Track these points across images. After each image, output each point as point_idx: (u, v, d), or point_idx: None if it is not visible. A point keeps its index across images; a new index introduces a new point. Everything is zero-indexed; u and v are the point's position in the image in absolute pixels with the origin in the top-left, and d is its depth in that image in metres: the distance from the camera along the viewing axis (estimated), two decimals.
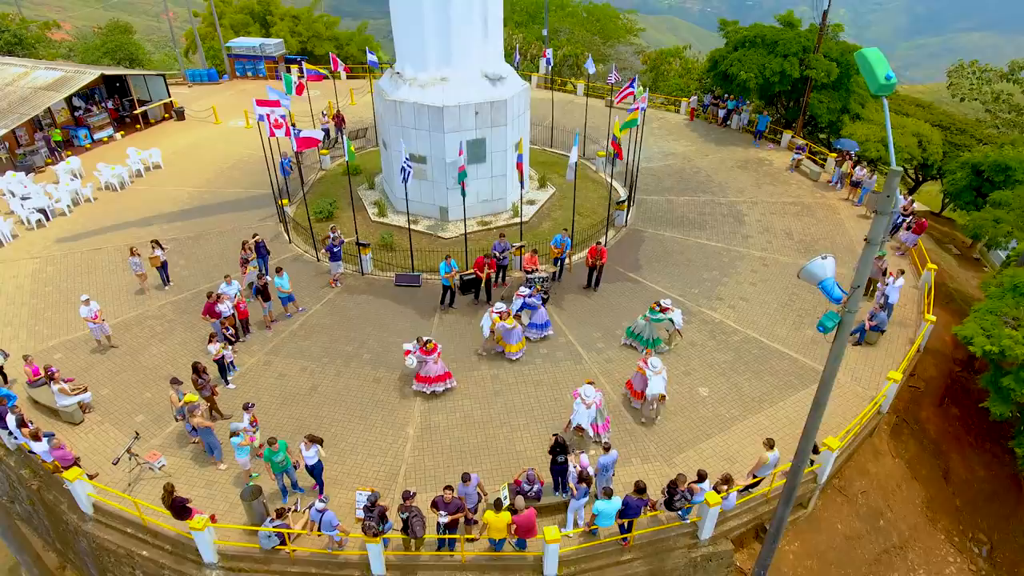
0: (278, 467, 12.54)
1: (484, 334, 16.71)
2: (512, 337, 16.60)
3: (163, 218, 24.19)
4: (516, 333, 16.62)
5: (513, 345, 16.71)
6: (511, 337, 16.60)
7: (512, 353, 16.79)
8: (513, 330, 16.48)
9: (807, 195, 26.32)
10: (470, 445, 14.52)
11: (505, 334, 16.60)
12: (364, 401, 15.68)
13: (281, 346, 17.52)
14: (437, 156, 21.94)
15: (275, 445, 12.30)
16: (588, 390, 13.95)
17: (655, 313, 17.01)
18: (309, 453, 12.70)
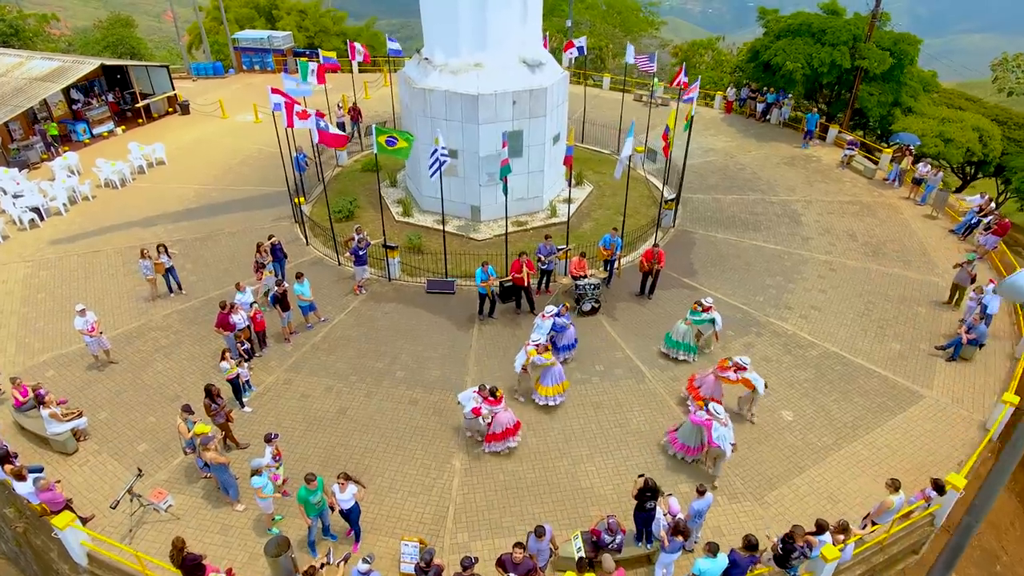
0: (314, 509, 10.50)
1: (516, 368, 13.78)
2: (549, 377, 13.75)
3: (168, 218, 22.18)
4: (555, 372, 13.73)
5: (549, 387, 13.75)
6: (548, 377, 13.75)
7: (546, 397, 13.80)
8: (551, 368, 13.67)
9: (864, 193, 24.30)
10: (527, 480, 12.48)
11: (542, 375, 13.77)
12: (400, 427, 13.65)
13: (302, 361, 15.49)
14: (470, 150, 19.94)
15: (313, 483, 10.28)
16: (717, 407, 12.17)
17: (696, 314, 15.14)
18: (344, 495, 10.68)
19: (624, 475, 12.59)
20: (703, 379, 13.93)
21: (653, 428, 13.69)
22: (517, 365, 13.77)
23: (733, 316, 17.08)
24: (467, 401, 12.52)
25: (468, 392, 12.69)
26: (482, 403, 12.33)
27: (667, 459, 12.96)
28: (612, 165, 25.83)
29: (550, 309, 14.63)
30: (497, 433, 12.58)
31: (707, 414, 12.00)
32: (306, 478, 10.30)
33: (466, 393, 12.71)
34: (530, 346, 13.57)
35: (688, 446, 12.57)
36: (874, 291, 18.38)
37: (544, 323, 14.55)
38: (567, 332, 15.04)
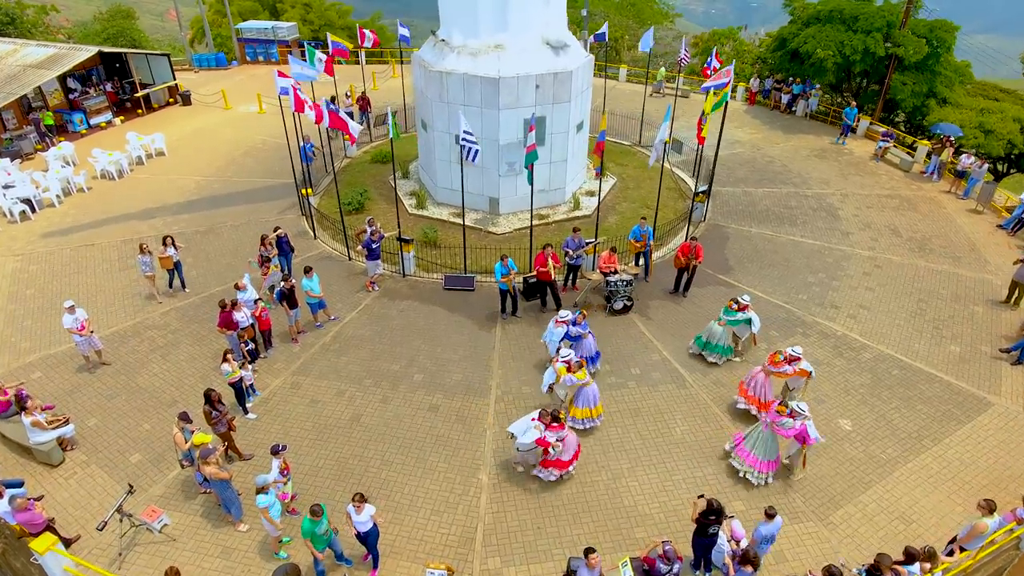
0: (322, 542, 9.22)
1: (543, 389, 12.25)
2: (582, 398, 12.06)
3: (167, 210, 20.94)
4: (590, 393, 12.06)
5: (582, 409, 12.16)
6: (582, 398, 12.06)
7: (581, 420, 12.19)
8: (585, 389, 12.04)
9: (902, 187, 22.99)
10: (563, 497, 11.18)
11: (577, 396, 12.08)
12: (421, 436, 12.36)
13: (311, 363, 14.22)
14: (489, 137, 18.66)
15: (319, 515, 8.99)
16: (801, 405, 11.11)
17: (731, 313, 13.79)
18: (361, 517, 9.40)
19: (670, 491, 11.30)
20: (751, 379, 12.69)
21: (698, 439, 12.39)
22: (544, 384, 12.20)
23: (776, 315, 15.80)
24: (525, 432, 10.66)
25: (523, 422, 10.85)
26: (545, 431, 10.65)
27: (717, 472, 11.66)
28: (634, 157, 24.68)
29: (564, 315, 13.08)
30: (564, 460, 11.01)
31: (793, 418, 11.01)
32: (312, 510, 9.02)
33: (520, 423, 10.85)
34: (559, 363, 11.93)
35: (759, 459, 11.32)
36: (925, 289, 17.07)
37: (556, 330, 13.01)
38: (584, 343, 13.28)
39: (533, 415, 10.86)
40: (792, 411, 11.10)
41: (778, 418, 11.07)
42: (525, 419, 10.94)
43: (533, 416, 10.83)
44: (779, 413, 11.13)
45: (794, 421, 11.02)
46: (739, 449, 11.63)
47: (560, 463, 11.05)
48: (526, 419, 10.92)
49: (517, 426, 10.91)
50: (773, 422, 11.16)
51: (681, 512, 10.92)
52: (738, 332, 14.26)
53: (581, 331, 13.16)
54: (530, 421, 10.79)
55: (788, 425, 11.02)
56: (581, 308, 13.40)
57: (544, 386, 12.20)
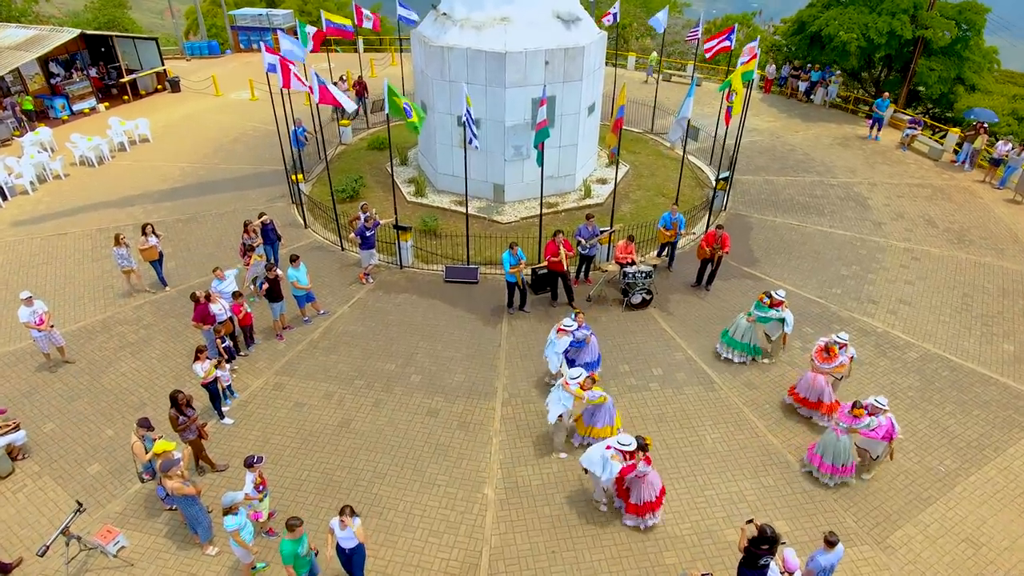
0: (304, 565, 7.83)
1: (551, 419, 10.23)
2: (601, 416, 10.54)
3: (148, 198, 19.54)
4: (608, 409, 10.53)
5: (598, 428, 10.55)
6: (601, 416, 10.54)
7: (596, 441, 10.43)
8: (602, 405, 10.47)
9: (933, 176, 21.57)
10: (578, 515, 9.76)
11: (589, 414, 10.60)
12: (418, 445, 10.95)
13: (297, 362, 12.81)
14: (494, 118, 17.26)
15: (299, 530, 7.61)
16: (880, 399, 9.99)
17: (763, 309, 12.34)
18: (344, 533, 8.02)
19: (702, 509, 9.88)
20: (809, 385, 11.43)
21: (731, 448, 10.97)
22: (552, 415, 10.17)
23: (809, 311, 14.39)
24: (603, 465, 9.06)
25: (597, 452, 9.17)
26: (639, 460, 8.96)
27: (755, 488, 10.24)
28: (647, 145, 23.26)
29: (567, 323, 11.32)
30: (652, 502, 9.30)
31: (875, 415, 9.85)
32: (288, 525, 7.64)
33: (594, 454, 9.17)
34: (572, 385, 10.05)
35: (836, 466, 10.08)
36: (968, 283, 15.66)
37: (559, 341, 11.26)
38: (590, 347, 11.81)
39: (608, 444, 9.19)
40: (872, 407, 9.82)
41: (856, 421, 9.75)
42: (597, 448, 9.25)
43: (609, 444, 9.14)
44: (856, 416, 9.78)
45: (879, 418, 9.82)
46: (811, 456, 10.37)
47: (648, 507, 9.28)
48: (598, 448, 9.25)
49: (592, 458, 9.19)
50: (851, 427, 9.87)
51: (716, 533, 9.50)
52: (769, 331, 12.86)
53: (585, 333, 11.55)
54: (604, 451, 9.10)
55: (874, 424, 9.81)
56: (578, 311, 11.65)
57: (552, 416, 10.16)
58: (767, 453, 10.87)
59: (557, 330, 11.39)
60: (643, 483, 9.11)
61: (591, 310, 14.23)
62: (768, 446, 11.00)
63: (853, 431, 9.97)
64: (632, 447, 8.96)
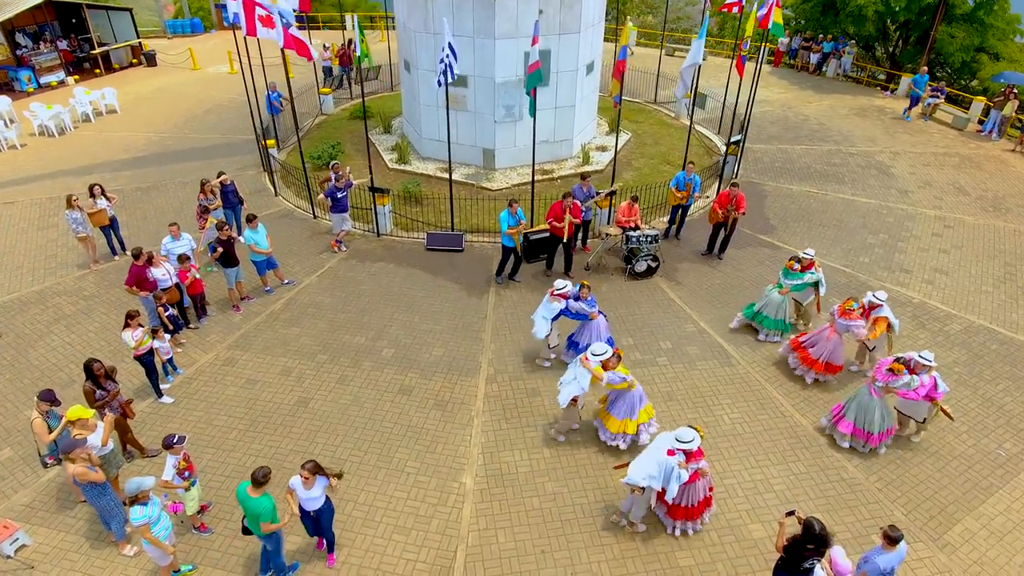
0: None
1: (562, 401, 8.51)
2: (625, 404, 8.57)
3: (107, 167, 17.96)
4: (635, 397, 8.57)
5: (622, 419, 8.61)
6: (624, 404, 8.57)
7: (619, 435, 8.69)
8: (628, 392, 8.52)
9: (959, 145, 19.99)
10: (574, 507, 8.16)
11: (615, 399, 8.68)
12: (386, 426, 9.35)
13: (254, 335, 11.22)
14: (483, 75, 15.67)
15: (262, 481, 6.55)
16: (926, 354, 8.62)
17: (794, 275, 10.64)
18: (312, 492, 6.69)
19: (722, 501, 8.29)
20: (815, 338, 9.91)
21: (754, 430, 9.38)
22: (565, 396, 8.42)
23: (836, 280, 12.81)
24: (666, 477, 7.17)
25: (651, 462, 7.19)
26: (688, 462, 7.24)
27: (783, 474, 8.65)
28: (649, 115, 21.67)
29: (561, 285, 9.67)
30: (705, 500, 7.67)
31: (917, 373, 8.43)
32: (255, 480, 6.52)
33: (646, 466, 7.18)
34: (593, 362, 8.25)
35: (872, 433, 8.64)
36: (1009, 251, 14.10)
37: (551, 306, 9.63)
38: (591, 327, 9.89)
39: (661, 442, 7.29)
40: (914, 364, 8.33)
41: (893, 378, 8.20)
42: (650, 456, 7.21)
43: (674, 447, 7.15)
44: (894, 372, 8.21)
45: (920, 376, 8.31)
46: (841, 424, 8.82)
47: (695, 510, 7.65)
48: (652, 455, 7.20)
49: (645, 473, 7.14)
50: (887, 385, 8.31)
51: (740, 529, 7.91)
52: (800, 299, 11.22)
53: (587, 308, 9.75)
54: (665, 458, 7.10)
55: (915, 383, 8.33)
56: (582, 282, 9.86)
57: (565, 398, 8.39)
58: (795, 435, 9.27)
59: (550, 293, 9.78)
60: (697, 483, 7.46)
61: (590, 279, 12.63)
62: (796, 427, 9.41)
63: (891, 390, 8.46)
64: (696, 444, 7.18)
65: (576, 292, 9.75)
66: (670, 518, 7.73)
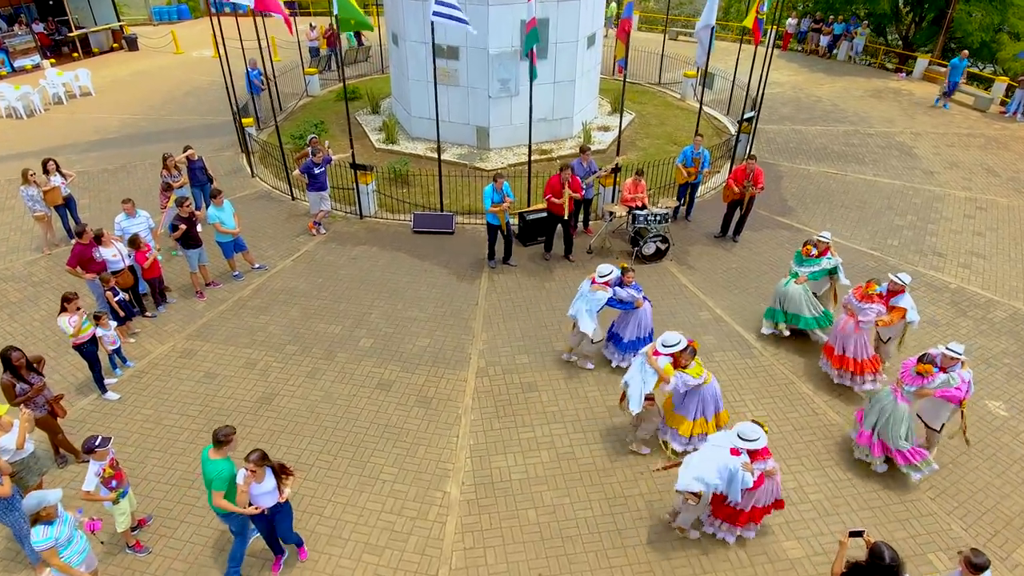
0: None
1: (634, 407, 7.15)
2: (697, 403, 7.36)
3: (75, 148, 16.78)
4: (708, 395, 7.36)
5: (690, 421, 7.41)
6: (696, 403, 7.36)
7: (691, 438, 7.44)
8: (703, 389, 7.28)
9: (982, 126, 18.83)
10: (576, 520, 6.96)
11: (679, 397, 7.44)
12: (361, 426, 8.15)
13: (217, 324, 10.02)
14: (476, 45, 14.47)
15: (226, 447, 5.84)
16: (955, 346, 7.07)
17: (810, 262, 9.34)
18: (265, 486, 5.73)
19: None
20: (838, 333, 8.59)
21: (784, 430, 8.19)
22: (636, 401, 7.11)
23: (863, 264, 11.64)
24: (729, 481, 6.02)
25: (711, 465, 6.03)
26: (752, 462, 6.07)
27: (820, 480, 7.46)
28: (653, 96, 20.51)
29: (605, 271, 8.37)
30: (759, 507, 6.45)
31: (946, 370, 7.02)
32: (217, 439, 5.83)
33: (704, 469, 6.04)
34: (662, 358, 7.05)
35: (890, 447, 7.25)
36: None
37: (594, 296, 8.31)
38: (638, 316, 8.65)
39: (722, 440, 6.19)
40: (941, 360, 7.06)
41: (924, 381, 6.94)
42: (708, 458, 6.09)
43: (737, 446, 6.03)
44: (923, 374, 6.97)
45: (956, 371, 7.03)
46: (860, 436, 7.53)
47: (757, 512, 6.49)
48: (711, 457, 6.07)
49: (703, 478, 6.02)
50: (921, 388, 7.05)
51: (772, 548, 6.72)
52: (816, 288, 9.93)
53: (635, 295, 8.51)
54: (728, 460, 5.99)
55: (955, 380, 6.98)
56: (623, 264, 8.70)
57: (636, 403, 7.11)
58: (830, 436, 8.08)
59: (591, 281, 8.50)
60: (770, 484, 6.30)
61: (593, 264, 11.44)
62: (830, 426, 8.22)
63: (925, 393, 7.09)
64: (762, 441, 6.03)
65: (619, 278, 8.49)
66: (737, 524, 6.52)
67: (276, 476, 5.96)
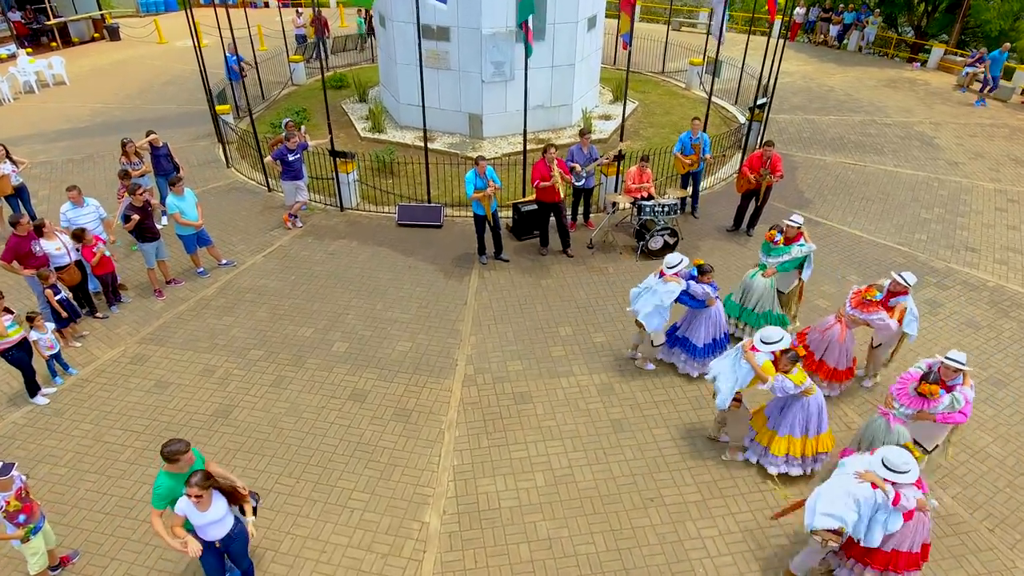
0: None
1: (721, 402, 6.37)
2: (798, 415, 6.37)
3: (41, 138, 15.76)
4: (813, 408, 6.37)
5: (785, 438, 6.45)
6: (796, 416, 6.38)
7: (793, 461, 6.52)
8: (808, 400, 6.31)
9: (1006, 116, 17.86)
10: (576, 556, 5.94)
11: (776, 409, 6.52)
12: (329, 444, 7.12)
13: (174, 326, 8.98)
14: (468, 25, 13.46)
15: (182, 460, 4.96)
16: (956, 354, 5.97)
17: (778, 251, 8.28)
18: (213, 513, 4.86)
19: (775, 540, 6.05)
20: (820, 332, 7.60)
21: None
22: (726, 397, 6.31)
23: (891, 260, 10.64)
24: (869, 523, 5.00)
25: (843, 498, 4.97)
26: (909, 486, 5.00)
27: None
28: (656, 85, 19.51)
29: (675, 261, 7.39)
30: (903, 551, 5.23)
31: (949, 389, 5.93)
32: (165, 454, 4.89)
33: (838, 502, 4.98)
34: (763, 355, 6.15)
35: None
36: None
37: (666, 287, 7.28)
38: (705, 317, 7.65)
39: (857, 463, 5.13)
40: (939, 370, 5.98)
41: (928, 403, 5.90)
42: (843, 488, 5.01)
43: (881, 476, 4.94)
44: (926, 395, 5.90)
45: (962, 389, 5.95)
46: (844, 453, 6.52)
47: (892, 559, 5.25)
48: (847, 487, 5.00)
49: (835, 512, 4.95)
50: (921, 411, 5.96)
51: None
52: (781, 284, 8.74)
53: (710, 293, 7.48)
54: (865, 490, 4.92)
55: (959, 403, 5.88)
56: (695, 258, 7.84)
57: (724, 399, 6.32)
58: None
59: (660, 275, 7.45)
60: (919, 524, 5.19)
61: (594, 260, 10.46)
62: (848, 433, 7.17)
63: (924, 418, 5.98)
64: (915, 474, 4.97)
65: (693, 271, 7.47)
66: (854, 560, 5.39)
67: (230, 500, 4.97)
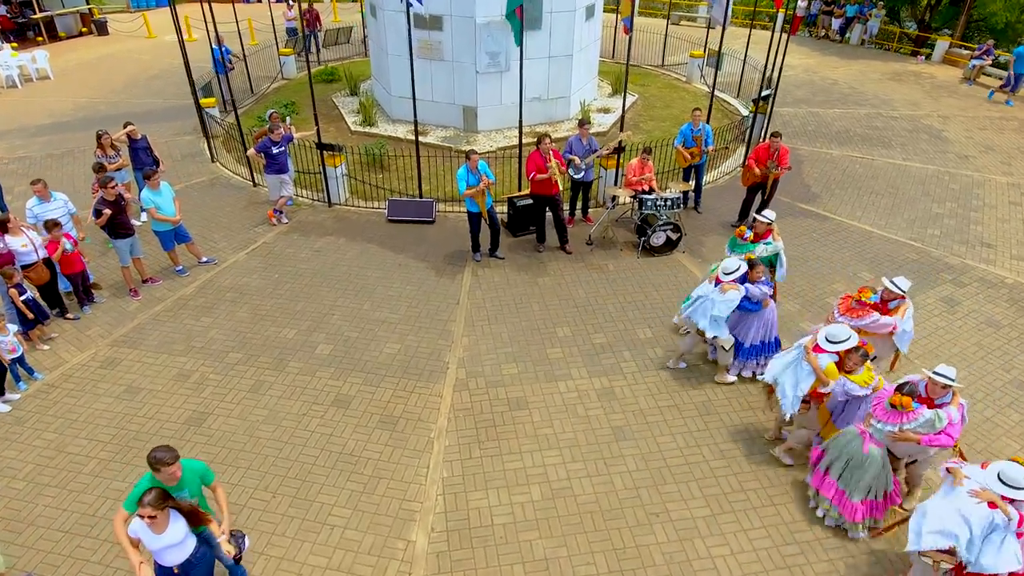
0: None
1: (788, 408, 5.98)
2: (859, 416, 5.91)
3: (22, 132, 15.25)
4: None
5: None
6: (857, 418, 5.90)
7: None
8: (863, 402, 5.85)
9: (1015, 110, 17.43)
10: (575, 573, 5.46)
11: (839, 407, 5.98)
12: (309, 454, 6.63)
13: (150, 328, 8.48)
14: (461, 14, 12.97)
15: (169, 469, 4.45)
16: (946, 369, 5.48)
17: (744, 247, 7.83)
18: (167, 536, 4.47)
19: (799, 566, 5.58)
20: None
21: None
22: (792, 401, 5.95)
23: (904, 256, 10.17)
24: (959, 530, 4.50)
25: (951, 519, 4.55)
26: None
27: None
28: (656, 79, 19.02)
29: (732, 267, 6.90)
30: None
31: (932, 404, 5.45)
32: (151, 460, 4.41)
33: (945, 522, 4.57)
34: (827, 356, 5.80)
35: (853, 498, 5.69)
36: None
37: (725, 298, 6.79)
38: (759, 318, 7.23)
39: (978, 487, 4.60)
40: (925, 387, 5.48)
41: (904, 418, 5.32)
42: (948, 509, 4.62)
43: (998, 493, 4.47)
44: (899, 408, 5.33)
45: (948, 408, 5.36)
46: (815, 478, 5.99)
47: None
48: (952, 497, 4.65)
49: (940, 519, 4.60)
50: (899, 429, 5.36)
51: None
52: None
53: (766, 292, 7.09)
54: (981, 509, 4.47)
55: (942, 422, 5.23)
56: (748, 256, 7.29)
57: (791, 405, 5.94)
58: None
59: (715, 281, 6.96)
60: None
61: (593, 257, 9.98)
62: None
63: (905, 437, 5.33)
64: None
65: (745, 274, 6.98)
66: None
67: (191, 521, 4.48)
